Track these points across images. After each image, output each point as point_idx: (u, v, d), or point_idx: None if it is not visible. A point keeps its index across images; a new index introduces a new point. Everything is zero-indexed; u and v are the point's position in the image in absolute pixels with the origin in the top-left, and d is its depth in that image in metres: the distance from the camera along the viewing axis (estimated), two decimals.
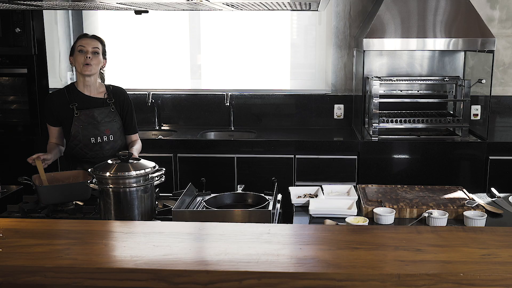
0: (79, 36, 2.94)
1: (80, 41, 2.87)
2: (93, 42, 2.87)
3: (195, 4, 2.29)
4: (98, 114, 2.88)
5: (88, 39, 2.89)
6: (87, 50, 2.84)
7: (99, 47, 2.89)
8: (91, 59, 2.84)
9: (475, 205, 2.43)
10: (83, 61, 2.83)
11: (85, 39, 2.89)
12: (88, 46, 2.84)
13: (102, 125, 2.88)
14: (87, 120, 2.85)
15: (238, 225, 1.88)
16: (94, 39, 2.90)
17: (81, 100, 2.88)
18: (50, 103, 2.90)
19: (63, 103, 2.86)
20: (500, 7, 4.31)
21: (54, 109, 2.88)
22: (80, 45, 2.84)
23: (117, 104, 2.98)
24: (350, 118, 4.53)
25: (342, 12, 4.41)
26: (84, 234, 1.76)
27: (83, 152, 2.87)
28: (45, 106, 2.93)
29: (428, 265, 1.47)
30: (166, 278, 1.45)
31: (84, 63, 2.82)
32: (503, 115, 4.46)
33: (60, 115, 2.88)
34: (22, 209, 2.47)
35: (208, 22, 4.54)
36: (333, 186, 2.79)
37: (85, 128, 2.84)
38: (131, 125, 3.03)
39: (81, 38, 2.90)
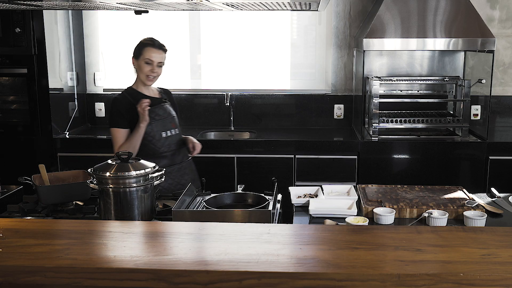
0: (147, 43, 2.98)
1: (149, 52, 2.95)
2: (161, 55, 2.98)
3: (195, 4, 2.29)
4: (162, 111, 3.04)
5: (156, 51, 2.97)
6: (154, 63, 2.96)
7: (164, 60, 3.01)
8: (156, 72, 2.98)
9: (475, 205, 2.43)
10: (147, 72, 2.97)
11: (154, 50, 2.96)
12: (155, 59, 2.96)
13: (169, 120, 3.05)
14: (156, 117, 2.99)
15: (238, 225, 1.88)
16: (161, 51, 2.99)
17: (152, 100, 3.00)
18: (119, 105, 2.99)
19: (129, 104, 2.97)
20: (500, 7, 4.31)
21: (123, 111, 2.97)
22: (148, 58, 2.95)
23: (170, 102, 3.16)
24: (350, 118, 4.53)
25: (342, 12, 4.41)
26: (84, 234, 1.76)
27: (156, 148, 2.98)
28: (114, 110, 3.00)
29: (428, 265, 1.47)
30: (166, 278, 1.45)
31: (147, 75, 2.97)
32: (503, 115, 4.46)
33: (129, 114, 2.95)
34: (22, 209, 2.47)
35: (208, 22, 4.54)
36: (333, 186, 2.79)
37: (157, 124, 2.98)
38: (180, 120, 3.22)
39: (149, 47, 2.96)
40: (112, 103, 3.04)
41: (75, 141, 4.13)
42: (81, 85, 4.59)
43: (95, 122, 4.66)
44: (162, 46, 3.01)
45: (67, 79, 4.37)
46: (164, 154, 3.00)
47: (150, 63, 2.96)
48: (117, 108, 2.99)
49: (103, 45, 4.62)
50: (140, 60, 2.97)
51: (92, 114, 4.66)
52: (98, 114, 4.66)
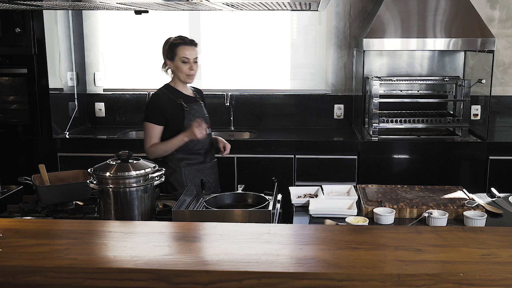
0: (180, 43, 3.00)
1: (183, 51, 2.97)
2: (194, 52, 3.00)
3: (195, 4, 2.29)
4: (201, 109, 3.10)
5: (190, 47, 2.98)
6: (190, 61, 2.98)
7: (197, 56, 3.02)
8: (194, 70, 3.00)
9: (475, 205, 2.43)
10: (187, 71, 2.99)
11: (187, 48, 2.97)
12: (191, 56, 2.97)
13: (204, 118, 3.07)
14: (196, 114, 3.03)
15: (238, 225, 1.88)
16: (194, 47, 3.01)
17: (184, 97, 3.06)
18: (159, 101, 3.01)
19: (169, 101, 3.01)
20: (500, 7, 4.31)
21: (162, 107, 2.98)
22: (183, 56, 2.96)
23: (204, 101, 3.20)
24: (350, 118, 4.53)
25: (342, 12, 4.41)
26: (84, 234, 1.76)
27: (192, 144, 3.00)
28: (152, 106, 3.01)
29: (428, 265, 1.47)
30: (166, 278, 1.45)
31: (187, 74, 2.99)
32: (503, 115, 4.46)
33: (168, 112, 2.98)
34: (22, 209, 2.47)
35: (208, 22, 4.54)
36: (333, 186, 2.79)
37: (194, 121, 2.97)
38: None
39: (182, 46, 2.98)
40: (152, 97, 3.05)
41: (75, 141, 4.13)
42: (81, 85, 4.59)
43: (95, 122, 4.66)
44: (192, 41, 3.03)
45: (67, 79, 4.37)
46: (198, 152, 3.04)
47: (187, 61, 2.97)
48: (158, 104, 2.99)
49: (103, 45, 4.62)
50: (176, 61, 2.99)
51: (92, 114, 4.66)
52: (98, 114, 4.66)
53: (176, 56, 2.98)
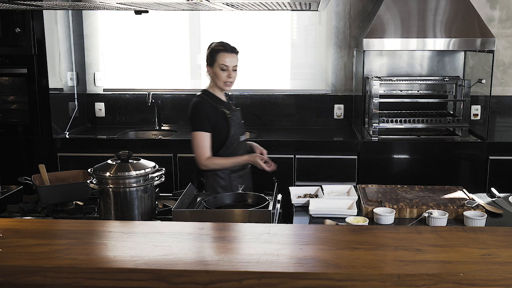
0: (219, 49, 2.95)
1: (223, 58, 2.92)
2: (234, 59, 2.95)
3: (195, 4, 2.29)
4: (239, 115, 3.09)
5: (230, 55, 2.93)
6: (229, 68, 2.93)
7: (237, 63, 2.98)
8: (232, 77, 2.96)
9: (475, 205, 2.43)
10: (225, 79, 2.95)
11: (227, 55, 2.92)
12: (230, 64, 2.93)
13: (242, 124, 3.10)
14: (235, 121, 3.02)
15: (238, 225, 1.88)
16: (234, 54, 2.96)
17: (223, 104, 3.04)
18: (204, 108, 2.96)
19: (212, 108, 2.97)
20: (500, 7, 4.31)
21: (208, 114, 2.94)
22: (222, 63, 2.92)
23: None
24: (350, 118, 4.53)
25: (342, 12, 4.41)
26: (84, 234, 1.76)
27: (235, 151, 3.00)
28: (198, 114, 2.95)
29: (428, 265, 1.47)
30: (166, 278, 1.45)
31: (225, 81, 2.95)
32: (503, 115, 4.46)
33: (213, 119, 2.95)
34: (22, 209, 2.47)
35: (208, 22, 4.54)
36: (333, 186, 2.79)
37: (236, 127, 3.02)
38: None
39: (222, 53, 2.93)
40: (196, 105, 2.98)
41: (75, 141, 4.13)
42: (81, 85, 4.59)
43: (95, 122, 4.66)
44: (234, 49, 2.98)
45: (67, 79, 4.37)
46: None
47: (225, 69, 2.93)
48: (204, 111, 2.95)
49: (103, 45, 4.62)
50: (215, 67, 2.94)
51: (92, 114, 4.66)
52: (98, 114, 4.66)
53: (216, 63, 2.94)
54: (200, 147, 2.92)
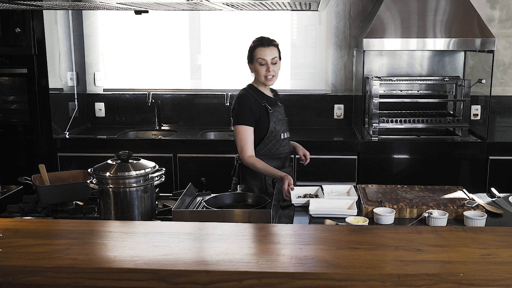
0: (258, 44, 2.90)
1: (260, 52, 2.86)
2: (272, 52, 2.86)
3: (195, 4, 2.29)
4: (282, 111, 3.01)
5: (267, 49, 2.86)
6: (267, 62, 2.86)
7: (277, 55, 2.89)
8: (272, 71, 2.88)
9: (475, 205, 2.43)
10: (265, 73, 2.87)
11: (264, 49, 2.86)
12: (268, 58, 2.85)
13: (284, 121, 3.00)
14: (278, 116, 2.95)
15: (238, 225, 1.88)
16: (272, 47, 2.88)
17: (267, 99, 2.97)
18: (248, 102, 2.90)
19: (256, 102, 2.91)
20: (500, 7, 4.31)
21: (252, 108, 2.89)
22: (260, 58, 2.85)
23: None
24: (350, 118, 4.53)
25: (342, 12, 4.41)
26: (84, 234, 1.76)
27: (274, 148, 2.93)
28: (243, 107, 2.89)
29: (428, 265, 1.47)
30: (166, 278, 1.45)
31: (266, 75, 2.88)
32: (503, 115, 4.46)
33: (256, 113, 2.90)
34: (22, 209, 2.47)
35: (208, 22, 4.54)
36: (333, 186, 2.79)
37: (278, 124, 2.93)
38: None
39: (259, 48, 2.87)
40: (240, 99, 2.92)
41: (75, 141, 4.13)
42: (81, 85, 4.60)
43: (95, 122, 4.67)
44: (271, 42, 2.90)
45: (67, 79, 4.37)
46: (279, 156, 2.94)
47: (264, 63, 2.86)
48: (247, 105, 2.89)
49: (103, 45, 4.62)
50: (254, 63, 2.89)
51: (92, 114, 4.66)
52: (98, 114, 4.66)
53: (254, 59, 2.88)
54: (243, 142, 2.86)
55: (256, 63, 2.88)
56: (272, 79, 2.90)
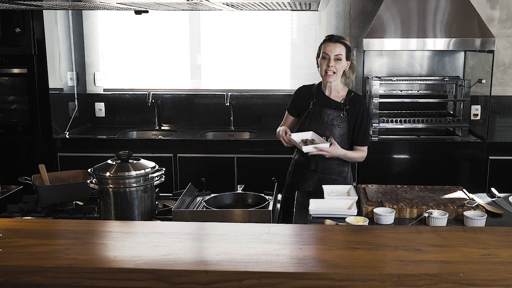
0: (325, 39, 2.90)
1: (325, 47, 2.85)
2: (337, 49, 2.83)
3: (195, 4, 2.29)
4: (327, 114, 2.90)
5: (332, 44, 2.84)
6: (330, 57, 2.83)
7: (342, 53, 2.84)
8: (333, 67, 2.83)
9: (475, 205, 2.43)
10: (325, 68, 2.85)
11: (329, 44, 2.85)
12: (331, 53, 2.82)
13: (326, 125, 2.88)
14: (316, 117, 2.91)
15: (238, 225, 1.88)
16: (338, 44, 2.85)
17: (320, 98, 2.94)
18: (297, 93, 3.05)
19: (306, 96, 2.97)
20: (500, 7, 4.31)
21: (296, 99, 3.02)
22: (324, 52, 2.85)
23: (350, 111, 2.89)
24: None
25: (342, 12, 4.41)
26: (84, 234, 1.76)
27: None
28: (293, 95, 3.07)
29: (428, 265, 1.47)
30: (166, 278, 1.45)
31: (325, 70, 2.85)
32: (503, 115, 4.46)
33: (300, 106, 3.00)
34: (22, 209, 2.47)
35: (208, 22, 4.54)
36: (333, 186, 2.78)
37: (311, 124, 2.91)
38: (359, 136, 2.92)
39: (326, 43, 2.87)
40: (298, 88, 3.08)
41: (75, 141, 4.13)
42: (81, 85, 4.60)
43: (95, 122, 4.67)
44: (339, 38, 2.87)
45: (67, 79, 4.37)
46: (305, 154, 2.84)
47: (326, 57, 2.83)
48: (296, 94, 3.04)
49: (103, 45, 4.62)
50: (320, 57, 2.88)
51: (92, 114, 4.66)
52: (98, 114, 4.66)
53: (320, 53, 2.88)
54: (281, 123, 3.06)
55: (320, 57, 2.87)
56: (332, 76, 2.84)
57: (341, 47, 2.83)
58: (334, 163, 2.91)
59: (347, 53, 2.86)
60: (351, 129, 2.89)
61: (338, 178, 2.94)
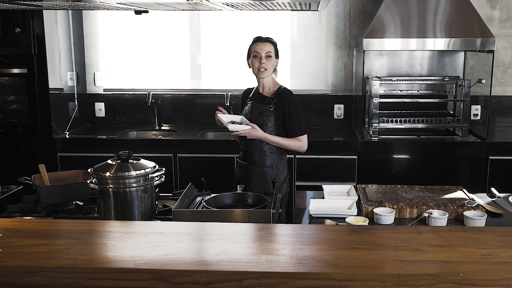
0: (254, 40, 3.11)
1: (255, 46, 3.06)
2: (266, 47, 3.04)
3: (195, 4, 2.29)
4: (254, 109, 3.10)
5: (262, 43, 3.06)
6: (261, 55, 3.03)
7: (272, 51, 3.06)
8: (265, 64, 3.03)
9: (475, 205, 2.43)
10: (257, 65, 3.05)
11: (259, 44, 3.05)
12: (262, 51, 3.03)
13: (256, 119, 3.06)
14: (247, 112, 3.13)
15: (238, 225, 1.88)
16: (267, 43, 3.06)
17: (256, 96, 3.16)
18: (242, 95, 3.29)
19: (246, 96, 3.23)
20: (500, 7, 4.31)
21: (241, 101, 3.28)
22: (255, 51, 3.05)
23: (278, 104, 3.07)
24: (350, 118, 4.53)
25: (342, 12, 4.41)
26: (84, 234, 1.76)
27: (239, 139, 3.17)
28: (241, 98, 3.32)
29: (428, 265, 1.47)
30: (166, 278, 1.45)
31: (258, 68, 3.04)
32: (503, 115, 4.46)
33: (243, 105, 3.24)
34: (22, 209, 2.47)
35: (208, 22, 4.54)
36: (333, 186, 2.79)
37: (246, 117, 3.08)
38: (291, 127, 3.07)
39: (255, 43, 3.08)
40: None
41: (75, 141, 4.13)
42: (81, 85, 4.60)
43: (95, 122, 4.67)
44: (267, 38, 3.08)
45: (67, 79, 4.37)
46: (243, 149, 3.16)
47: (257, 56, 3.03)
48: (241, 97, 3.29)
49: (103, 45, 4.62)
50: (251, 58, 3.08)
51: (92, 114, 4.66)
52: (98, 114, 4.66)
53: (251, 53, 3.07)
54: None
55: (252, 57, 3.06)
56: (264, 72, 3.05)
57: (270, 46, 3.06)
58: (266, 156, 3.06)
59: (275, 51, 3.09)
60: (280, 121, 3.05)
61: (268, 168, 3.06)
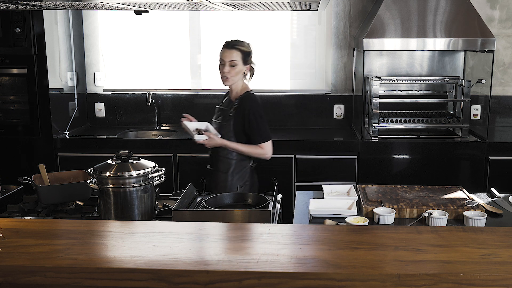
0: (223, 45, 3.04)
1: (222, 53, 3.01)
2: (232, 54, 2.98)
3: (195, 4, 2.29)
4: (219, 114, 3.13)
5: (228, 51, 2.99)
6: (225, 63, 2.99)
7: (237, 58, 2.99)
8: (228, 72, 2.98)
9: (475, 205, 2.43)
10: (221, 73, 3.02)
11: (226, 51, 3.00)
12: (226, 59, 2.98)
13: (216, 124, 3.10)
14: (214, 117, 3.15)
15: (238, 225, 1.88)
16: (233, 50, 2.99)
17: (226, 101, 3.16)
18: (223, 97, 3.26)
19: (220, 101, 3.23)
20: (500, 7, 4.31)
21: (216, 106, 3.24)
22: (220, 57, 3.01)
23: (238, 109, 3.02)
24: (350, 118, 4.53)
25: (342, 12, 4.41)
26: (84, 234, 1.76)
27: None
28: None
29: (428, 265, 1.47)
30: (166, 278, 1.45)
31: (222, 75, 3.01)
32: (503, 115, 4.46)
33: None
34: (22, 209, 2.47)
35: (208, 22, 4.54)
36: (333, 186, 2.78)
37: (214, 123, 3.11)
38: (252, 135, 3.02)
39: (223, 49, 3.02)
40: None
41: (75, 141, 4.13)
42: (81, 85, 4.60)
43: (95, 122, 4.66)
44: (233, 45, 3.01)
45: (67, 79, 4.37)
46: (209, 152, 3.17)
47: (222, 63, 3.00)
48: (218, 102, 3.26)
49: (103, 45, 4.62)
50: (219, 64, 3.03)
51: (92, 114, 4.66)
52: (98, 114, 4.66)
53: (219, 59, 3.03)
54: None
55: (219, 63, 3.03)
56: (228, 80, 3.01)
57: (236, 53, 2.98)
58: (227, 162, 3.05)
59: (244, 58, 3.01)
60: (239, 126, 3.00)
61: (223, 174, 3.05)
